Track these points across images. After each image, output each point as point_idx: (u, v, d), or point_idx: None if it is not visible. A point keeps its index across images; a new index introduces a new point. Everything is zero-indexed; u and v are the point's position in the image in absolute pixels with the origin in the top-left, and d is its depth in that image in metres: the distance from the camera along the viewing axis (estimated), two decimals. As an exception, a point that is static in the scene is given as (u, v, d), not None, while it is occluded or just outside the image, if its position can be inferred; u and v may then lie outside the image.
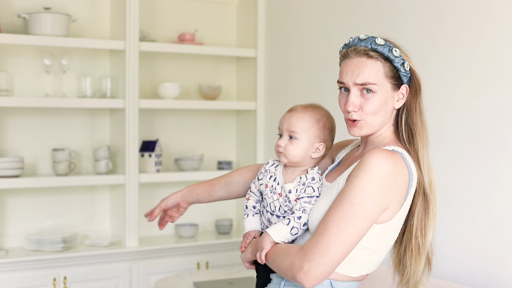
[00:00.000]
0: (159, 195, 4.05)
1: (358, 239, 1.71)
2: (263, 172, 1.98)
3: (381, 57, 1.78)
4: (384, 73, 1.78)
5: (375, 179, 1.70)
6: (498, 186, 2.57)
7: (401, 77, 1.81)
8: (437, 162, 2.82)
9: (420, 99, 1.85)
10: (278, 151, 1.91)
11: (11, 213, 3.65)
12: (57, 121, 3.76)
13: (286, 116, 1.92)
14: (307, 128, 1.90)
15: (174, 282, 3.29)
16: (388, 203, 1.73)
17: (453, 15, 2.76)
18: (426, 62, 2.87)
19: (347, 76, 1.81)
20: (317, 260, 1.68)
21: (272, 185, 1.93)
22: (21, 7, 3.64)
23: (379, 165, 1.70)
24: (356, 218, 1.69)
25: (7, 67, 3.61)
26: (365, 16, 3.23)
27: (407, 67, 1.81)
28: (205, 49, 3.95)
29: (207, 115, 4.19)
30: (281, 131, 1.92)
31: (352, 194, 1.70)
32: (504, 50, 2.55)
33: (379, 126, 1.82)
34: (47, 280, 3.42)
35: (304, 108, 1.93)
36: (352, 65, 1.80)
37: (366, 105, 1.79)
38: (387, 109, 1.81)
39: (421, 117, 1.85)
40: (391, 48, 1.79)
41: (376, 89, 1.78)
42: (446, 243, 2.77)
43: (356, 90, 1.79)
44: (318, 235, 1.71)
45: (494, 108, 2.59)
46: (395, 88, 1.81)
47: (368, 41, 1.79)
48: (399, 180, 1.74)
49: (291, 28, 3.85)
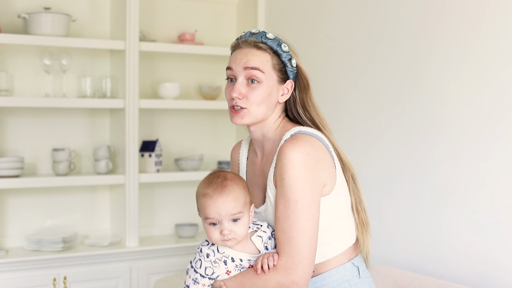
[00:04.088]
0: (159, 195, 4.05)
1: (317, 227, 1.76)
2: (211, 265, 1.78)
3: (269, 49, 1.85)
4: (272, 65, 1.85)
5: (300, 169, 1.74)
6: (498, 186, 2.57)
7: (288, 72, 1.88)
8: (437, 162, 2.82)
9: (310, 94, 1.93)
10: (225, 240, 1.75)
11: (11, 213, 3.65)
12: (57, 121, 3.76)
13: (217, 202, 1.75)
14: (244, 202, 1.78)
15: (174, 282, 3.29)
16: (322, 180, 1.78)
17: (452, 14, 2.76)
18: (426, 61, 2.87)
19: (235, 63, 1.86)
20: (300, 267, 1.72)
21: (236, 265, 1.80)
22: (21, 7, 3.64)
23: (295, 156, 1.75)
24: (305, 211, 1.73)
25: (7, 67, 3.61)
26: (365, 16, 3.23)
27: (294, 63, 1.89)
28: (205, 49, 3.95)
29: (207, 115, 4.19)
30: (219, 219, 1.75)
31: (290, 193, 1.74)
32: (503, 49, 2.55)
33: (262, 117, 1.86)
34: (47, 280, 3.42)
35: (224, 185, 1.77)
36: (242, 54, 1.86)
37: (251, 94, 1.83)
38: (271, 100, 1.86)
39: (316, 110, 1.92)
40: (280, 43, 1.87)
41: (263, 78, 1.83)
42: (446, 243, 2.77)
43: (242, 78, 1.84)
44: (285, 245, 1.74)
45: (494, 107, 2.59)
46: (281, 82, 1.87)
47: (259, 35, 1.87)
48: (322, 158, 1.79)
49: (291, 28, 3.85)
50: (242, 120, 1.86)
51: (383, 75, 3.12)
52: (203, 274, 1.80)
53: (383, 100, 3.11)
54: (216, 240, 1.77)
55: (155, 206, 4.05)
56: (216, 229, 1.77)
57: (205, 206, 1.77)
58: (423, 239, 2.89)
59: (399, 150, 2.99)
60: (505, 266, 2.53)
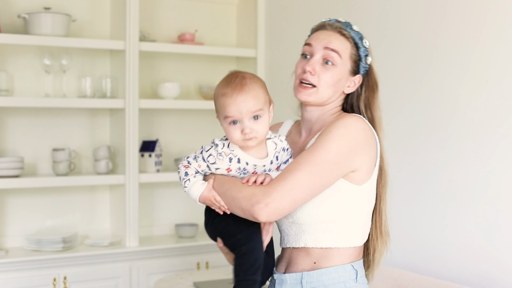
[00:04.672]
0: (159, 195, 4.05)
1: (324, 186, 1.73)
2: (215, 155, 1.77)
3: (351, 39, 1.86)
4: (350, 54, 1.86)
5: (351, 133, 1.74)
6: (498, 186, 2.57)
7: (360, 67, 1.88)
8: (437, 162, 2.82)
9: (377, 95, 1.93)
10: (246, 139, 1.73)
11: (11, 213, 3.65)
12: (57, 121, 3.76)
13: (237, 100, 1.72)
14: (264, 100, 1.77)
15: (174, 282, 3.29)
16: (358, 162, 1.76)
17: (453, 15, 2.76)
18: (426, 61, 2.87)
19: (317, 41, 1.86)
20: (283, 193, 1.67)
21: (239, 167, 1.77)
22: (21, 7, 3.64)
23: (353, 122, 1.76)
24: (329, 164, 1.71)
25: (7, 67, 3.61)
26: (365, 16, 3.23)
27: (368, 61, 1.89)
28: (205, 49, 3.95)
29: (207, 115, 4.18)
30: (239, 117, 1.72)
31: (328, 143, 1.72)
32: (504, 50, 2.55)
33: (326, 99, 1.86)
34: (47, 280, 3.42)
35: (243, 84, 1.74)
36: (325, 34, 1.87)
37: (324, 74, 1.83)
38: (339, 87, 1.86)
39: (379, 112, 1.92)
40: (362, 37, 1.88)
41: (338, 63, 1.83)
42: (446, 243, 2.77)
43: (319, 56, 1.84)
44: (287, 172, 1.71)
45: (494, 108, 2.59)
46: (352, 74, 1.87)
47: (345, 23, 1.88)
48: (370, 139, 1.79)
49: (291, 28, 3.85)
50: (308, 97, 1.84)
51: (384, 76, 3.11)
52: (205, 158, 1.78)
53: (385, 100, 3.09)
54: (237, 140, 1.73)
55: (155, 206, 4.05)
56: (236, 128, 1.73)
57: (225, 105, 1.73)
58: (423, 239, 2.89)
59: (400, 150, 2.99)
60: (506, 266, 2.53)
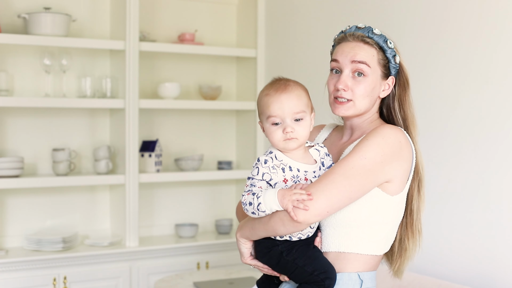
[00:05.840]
0: (159, 195, 4.05)
1: (360, 192, 1.74)
2: (269, 168, 1.76)
3: (376, 45, 1.86)
4: (377, 60, 1.86)
5: (387, 143, 1.76)
6: (498, 185, 2.57)
7: (390, 68, 1.88)
8: (436, 161, 2.82)
9: (409, 92, 1.92)
10: (287, 138, 1.75)
11: (11, 213, 3.65)
12: (57, 121, 3.76)
13: (281, 98, 1.76)
14: (307, 103, 1.81)
15: (174, 282, 3.29)
16: (392, 173, 1.77)
17: (453, 13, 2.76)
18: (426, 60, 2.87)
19: (342, 55, 1.86)
20: (318, 194, 1.68)
21: (293, 175, 1.78)
22: (21, 7, 3.64)
23: (391, 133, 1.78)
24: (364, 169, 1.72)
25: (7, 67, 3.61)
26: (365, 15, 3.23)
27: (397, 60, 1.89)
28: (205, 49, 3.95)
29: (207, 115, 4.19)
30: (282, 117, 1.76)
31: (364, 150, 1.74)
32: (504, 49, 2.55)
33: (364, 110, 1.87)
34: (47, 280, 3.42)
35: (287, 85, 1.79)
36: (349, 47, 1.86)
37: (357, 87, 1.84)
38: (374, 95, 1.87)
39: (411, 109, 1.92)
40: (386, 39, 1.87)
41: (368, 72, 1.84)
42: (446, 243, 2.77)
43: (348, 71, 1.85)
44: (323, 175, 1.73)
45: (494, 107, 2.59)
46: (384, 77, 1.88)
47: (365, 29, 1.87)
48: (406, 152, 1.80)
49: (291, 28, 3.85)
50: (346, 111, 1.86)
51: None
52: (260, 179, 1.76)
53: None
54: (278, 140, 1.76)
55: (155, 206, 4.05)
56: (278, 128, 1.76)
57: (269, 104, 1.77)
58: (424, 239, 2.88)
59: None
60: (505, 266, 2.53)
